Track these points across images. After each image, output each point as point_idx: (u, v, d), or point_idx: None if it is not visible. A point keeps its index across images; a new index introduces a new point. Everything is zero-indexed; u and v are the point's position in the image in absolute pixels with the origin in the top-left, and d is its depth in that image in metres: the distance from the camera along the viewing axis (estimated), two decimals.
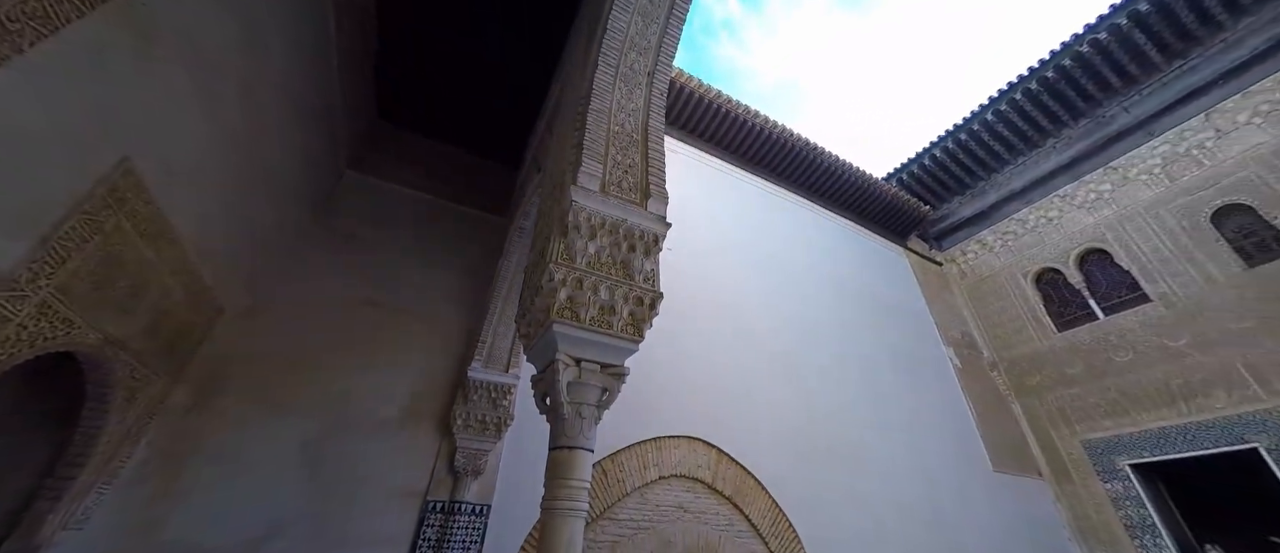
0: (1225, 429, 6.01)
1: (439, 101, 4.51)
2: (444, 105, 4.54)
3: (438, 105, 4.55)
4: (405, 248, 4.26)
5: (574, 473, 1.40)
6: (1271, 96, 6.53)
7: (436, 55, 4.05)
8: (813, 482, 5.08)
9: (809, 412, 5.66)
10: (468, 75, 4.20)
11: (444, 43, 3.96)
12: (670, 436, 4.47)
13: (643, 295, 1.61)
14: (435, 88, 4.36)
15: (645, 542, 3.93)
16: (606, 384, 1.55)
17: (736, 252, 6.63)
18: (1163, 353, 6.72)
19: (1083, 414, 7.34)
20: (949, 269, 10.01)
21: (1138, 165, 7.63)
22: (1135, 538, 6.46)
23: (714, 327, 5.51)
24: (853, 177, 8.77)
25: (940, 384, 7.65)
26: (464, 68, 4.13)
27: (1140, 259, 7.24)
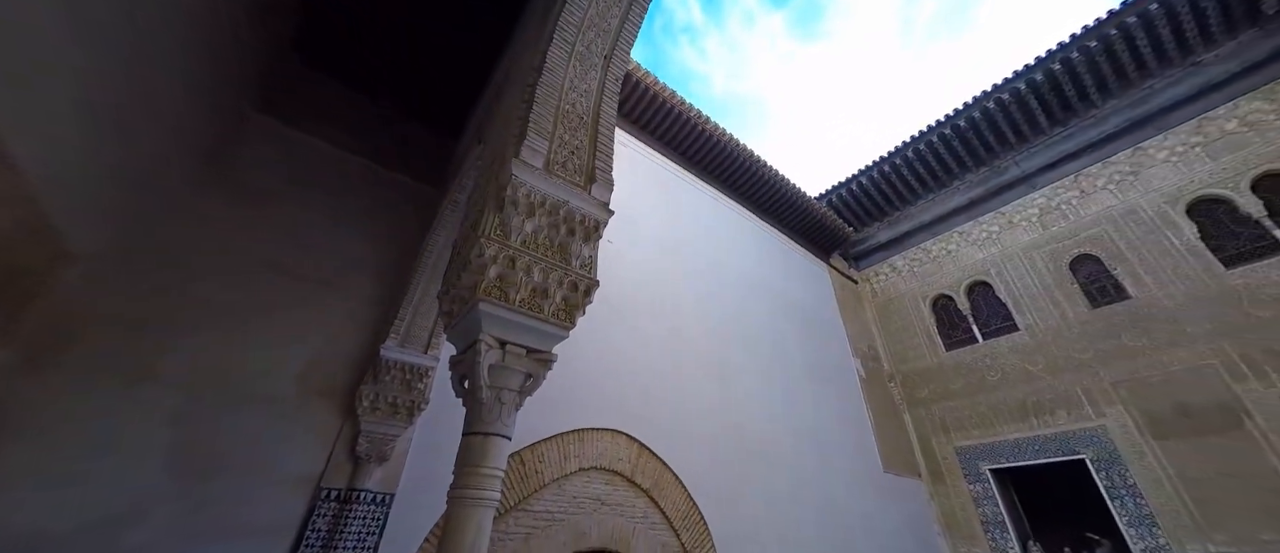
0: (1062, 443, 7.14)
1: (372, 52, 4.10)
2: (378, 56, 4.14)
3: (370, 55, 4.13)
4: (319, 210, 3.84)
5: (488, 460, 1.32)
6: (1122, 168, 7.83)
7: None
8: (728, 478, 5.32)
9: (731, 413, 5.91)
10: (410, 27, 3.86)
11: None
12: (594, 428, 4.45)
13: (578, 281, 1.56)
14: (368, 33, 3.95)
15: (559, 533, 3.88)
16: (531, 370, 1.49)
17: (677, 252, 6.76)
18: (1023, 375, 7.84)
19: (958, 425, 8.36)
20: (863, 288, 10.94)
21: (1021, 213, 8.82)
22: (988, 533, 7.51)
23: (647, 323, 5.57)
24: (790, 193, 9.28)
25: (846, 391, 8.34)
26: (405, 16, 3.78)
27: (1015, 293, 8.38)
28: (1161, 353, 6.64)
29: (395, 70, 4.22)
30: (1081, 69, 7.99)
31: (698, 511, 4.73)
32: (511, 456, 3.85)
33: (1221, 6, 6.98)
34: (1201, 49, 7.37)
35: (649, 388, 5.12)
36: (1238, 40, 7.11)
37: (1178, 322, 6.62)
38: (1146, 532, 6.18)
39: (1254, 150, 6.69)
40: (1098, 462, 6.76)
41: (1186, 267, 6.76)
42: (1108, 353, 7.09)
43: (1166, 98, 7.58)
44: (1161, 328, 6.73)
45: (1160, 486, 6.21)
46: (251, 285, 3.34)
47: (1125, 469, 6.52)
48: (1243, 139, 6.83)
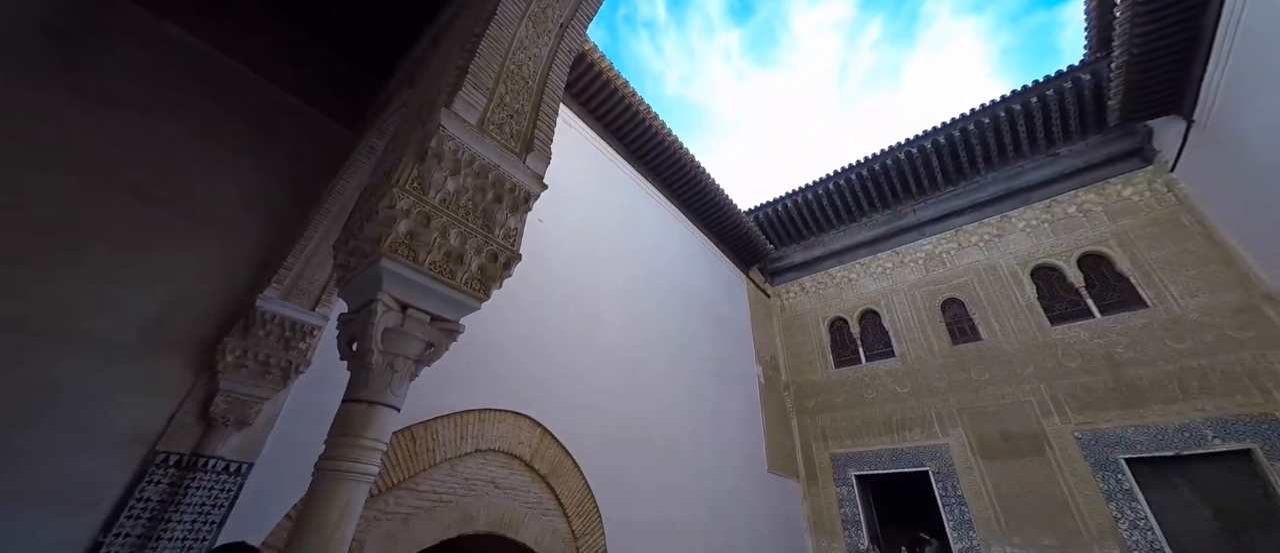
0: (914, 456, 8.26)
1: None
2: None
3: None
4: (201, 133, 3.25)
5: (369, 431, 1.19)
6: (991, 230, 9.20)
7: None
8: (626, 469, 5.43)
9: (637, 404, 6.03)
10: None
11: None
12: (497, 409, 4.29)
13: (499, 252, 1.47)
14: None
15: (444, 516, 3.69)
16: (434, 339, 1.37)
17: (605, 239, 6.73)
18: (893, 395, 8.94)
19: (836, 434, 9.32)
20: (774, 302, 11.74)
21: (911, 255, 10.02)
22: (846, 531, 8.48)
23: (565, 306, 5.49)
24: (723, 203, 9.66)
25: (746, 395, 8.91)
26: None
27: (896, 324, 9.51)
28: (997, 388, 7.94)
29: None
30: (974, 140, 9.25)
31: (593, 498, 4.77)
32: (401, 431, 3.59)
33: (1079, 112, 8.46)
34: (1060, 143, 8.89)
35: (559, 373, 5.05)
36: (1086, 141, 8.68)
37: (1012, 363, 7.95)
38: (966, 535, 7.37)
39: (1083, 233, 8.22)
40: (938, 474, 7.92)
41: (1024, 319, 8.14)
42: (958, 383, 8.33)
43: (1030, 178, 9.04)
44: (1000, 367, 8.04)
45: (980, 497, 7.44)
46: (102, 208, 2.74)
47: (957, 482, 7.71)
48: (1077, 222, 8.36)
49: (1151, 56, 6.49)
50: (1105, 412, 6.97)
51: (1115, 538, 6.34)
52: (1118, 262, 7.73)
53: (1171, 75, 6.66)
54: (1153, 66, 6.62)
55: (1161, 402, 6.64)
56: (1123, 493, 6.48)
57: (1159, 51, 6.41)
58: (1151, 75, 6.72)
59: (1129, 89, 6.98)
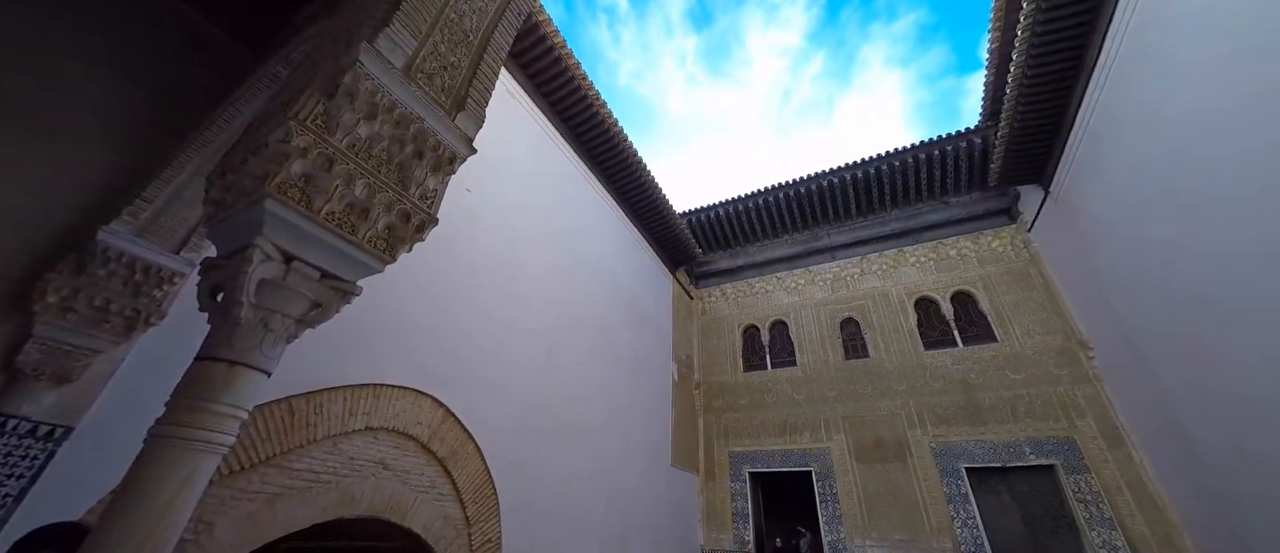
0: (801, 457, 9.05)
1: None
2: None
3: None
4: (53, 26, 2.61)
5: (227, 396, 1.03)
6: (889, 261, 10.31)
7: None
8: (532, 456, 5.32)
9: (550, 391, 5.93)
10: None
11: None
12: (396, 385, 3.99)
13: (412, 213, 1.34)
14: None
15: (320, 497, 3.35)
16: (323, 299, 1.21)
17: (538, 221, 6.52)
18: (790, 401, 9.70)
19: (736, 433, 9.92)
20: (696, 304, 12.19)
21: (821, 275, 10.92)
22: (734, 523, 9.07)
23: (485, 282, 5.23)
24: (659, 201, 9.79)
25: (658, 390, 9.16)
26: None
27: (802, 336, 10.32)
28: (876, 400, 8.94)
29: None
30: (884, 179, 10.28)
31: (492, 484, 4.62)
32: (277, 402, 3.19)
33: (969, 169, 9.75)
34: (952, 193, 10.18)
35: (471, 352, 4.81)
36: (971, 195, 10.03)
37: (890, 380, 8.99)
38: (835, 528, 8.23)
39: (958, 273, 9.51)
40: (819, 474, 8.75)
41: (905, 342, 9.23)
42: (846, 394, 9.26)
43: (925, 219, 10.27)
44: (881, 382, 9.06)
45: (851, 495, 8.34)
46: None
47: (834, 481, 8.57)
48: (955, 263, 9.65)
49: (1027, 133, 7.65)
50: (956, 427, 8.15)
51: (950, 534, 7.44)
52: (981, 301, 9.04)
53: (1040, 151, 7.91)
54: (1027, 142, 7.81)
55: (997, 421, 7.90)
56: (960, 496, 7.62)
57: (1033, 130, 7.57)
58: (1025, 149, 7.93)
59: (1007, 157, 8.18)
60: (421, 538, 3.96)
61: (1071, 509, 7.05)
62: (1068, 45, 6.33)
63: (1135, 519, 6.64)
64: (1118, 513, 6.74)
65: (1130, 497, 6.76)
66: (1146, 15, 5.30)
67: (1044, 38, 6.27)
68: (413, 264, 4.31)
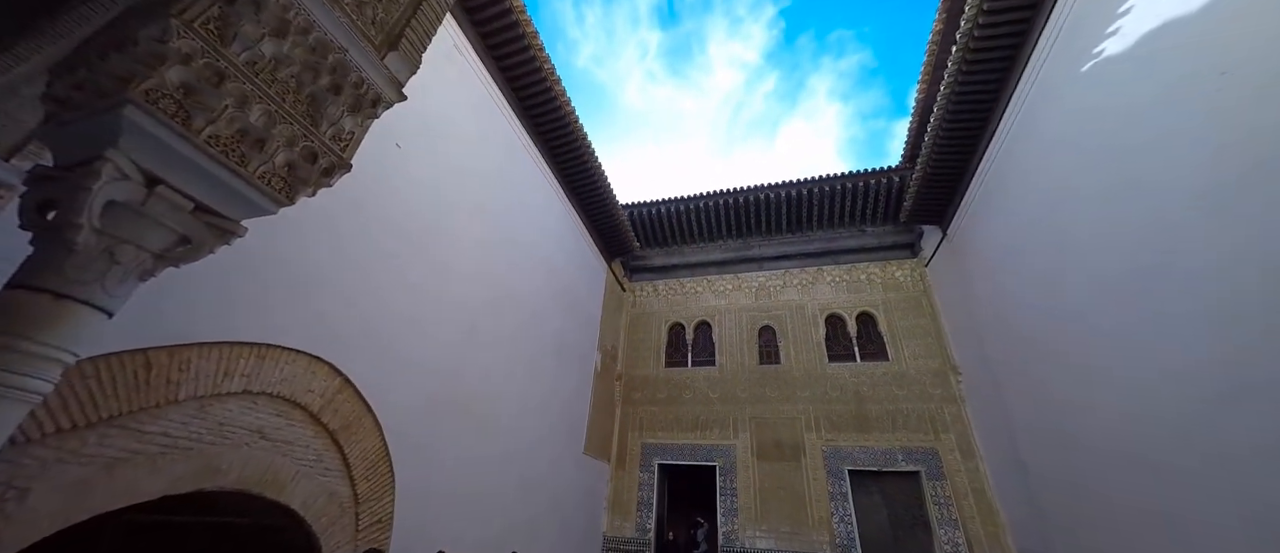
0: (708, 452, 9.51)
1: None
2: None
3: None
4: None
5: (47, 334, 0.84)
6: (808, 277, 11.09)
7: None
8: (439, 434, 5.06)
9: (467, 370, 5.67)
10: None
11: None
12: (288, 347, 3.58)
13: (320, 154, 1.18)
14: None
15: (175, 466, 2.93)
16: (193, 234, 1.04)
17: (475, 189, 6.17)
18: (705, 399, 10.14)
19: (651, 426, 10.18)
20: (628, 297, 12.28)
21: (748, 283, 11.49)
22: (638, 512, 9.34)
23: (406, 248, 4.87)
24: (604, 190, 9.69)
25: (579, 379, 9.12)
26: None
27: (723, 338, 10.81)
28: (781, 404, 9.62)
29: None
30: (815, 201, 11.03)
31: (389, 461, 4.32)
32: (133, 353, 2.73)
33: (886, 203, 10.74)
34: (869, 223, 11.17)
35: (381, 319, 4.45)
36: (884, 227, 11.07)
37: (795, 386, 9.72)
38: (731, 520, 8.76)
39: (865, 296, 10.47)
40: (722, 469, 9.26)
41: (812, 354, 10.01)
42: (756, 397, 9.86)
43: (844, 243, 11.17)
44: (787, 388, 9.75)
45: (749, 490, 8.92)
46: None
47: (735, 477, 9.11)
48: (864, 286, 10.61)
49: (935, 179, 8.59)
50: (845, 433, 9.00)
51: (828, 528, 8.24)
52: (880, 323, 10.04)
53: (943, 197, 8.92)
54: (934, 187, 8.76)
55: (879, 431, 8.85)
56: (841, 495, 8.45)
57: (940, 177, 8.51)
58: (932, 193, 8.90)
59: (917, 198, 9.13)
60: (299, 515, 3.61)
61: (928, 511, 8.10)
62: (977, 108, 7.18)
63: (974, 521, 7.78)
64: (962, 515, 7.86)
65: (973, 502, 7.91)
66: (1037, 100, 6.16)
67: (960, 97, 7.06)
68: (325, 215, 3.89)
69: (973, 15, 6.05)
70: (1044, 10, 5.73)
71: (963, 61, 6.56)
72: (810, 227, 11.50)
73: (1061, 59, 5.61)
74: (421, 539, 4.69)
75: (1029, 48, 6.10)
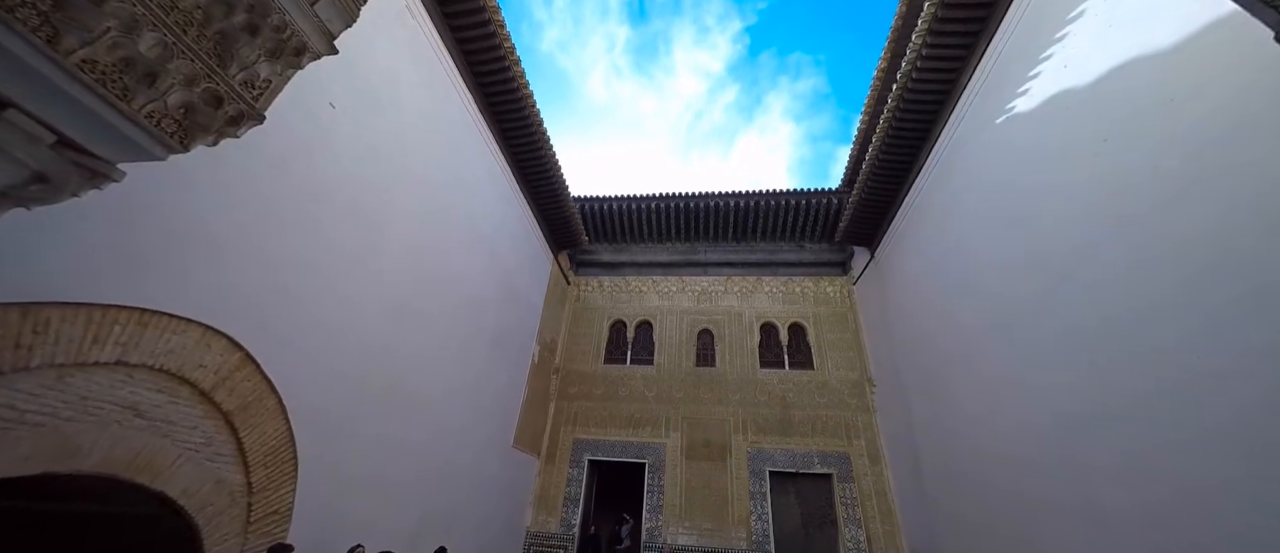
0: (639, 449, 9.62)
1: None
2: None
3: None
4: None
5: None
6: (748, 285, 11.54)
7: None
8: (356, 419, 4.71)
9: (395, 355, 5.33)
10: None
11: None
12: (177, 314, 3.18)
13: (226, 99, 1.05)
14: None
15: (21, 444, 2.51)
16: (51, 172, 0.88)
17: (415, 160, 5.80)
18: (641, 397, 10.25)
19: (585, 421, 10.14)
20: (572, 290, 12.14)
21: (692, 286, 11.75)
22: (564, 507, 9.27)
23: (332, 217, 4.49)
24: (556, 178, 9.48)
25: (514, 370, 8.89)
26: None
27: (663, 338, 10.98)
28: (712, 406, 9.94)
29: None
30: (762, 213, 11.49)
31: (293, 447, 3.96)
32: None
33: (825, 222, 11.41)
34: (808, 239, 11.82)
35: (298, 292, 4.07)
36: (821, 244, 11.75)
37: (727, 389, 10.08)
38: (656, 517, 8.92)
39: (798, 308, 11.07)
40: (651, 467, 9.41)
41: (746, 360, 10.43)
42: (690, 397, 10.11)
43: (784, 256, 11.73)
44: (719, 390, 10.09)
45: (676, 488, 9.13)
46: None
47: (663, 475, 9.30)
48: (798, 298, 11.21)
49: (868, 205, 9.25)
50: (769, 436, 9.47)
51: (747, 525, 8.63)
52: (810, 334, 10.66)
53: (875, 222, 9.63)
54: (867, 212, 9.44)
55: (800, 435, 9.40)
56: (761, 495, 8.88)
57: (873, 203, 9.18)
58: (865, 217, 9.58)
59: (851, 221, 9.79)
60: (177, 504, 3.22)
61: (836, 511, 8.72)
62: (909, 144, 7.82)
63: (875, 521, 8.48)
64: (865, 515, 8.54)
65: (876, 503, 8.62)
66: (958, 143, 6.81)
67: (896, 131, 7.65)
68: (240, 172, 3.48)
69: (912, 58, 6.57)
70: (971, 63, 6.34)
71: (900, 99, 7.12)
72: (754, 237, 11.98)
73: (982, 109, 6.24)
74: (331, 530, 4.35)
75: (957, 94, 6.73)
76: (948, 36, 6.23)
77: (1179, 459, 3.49)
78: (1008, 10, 5.60)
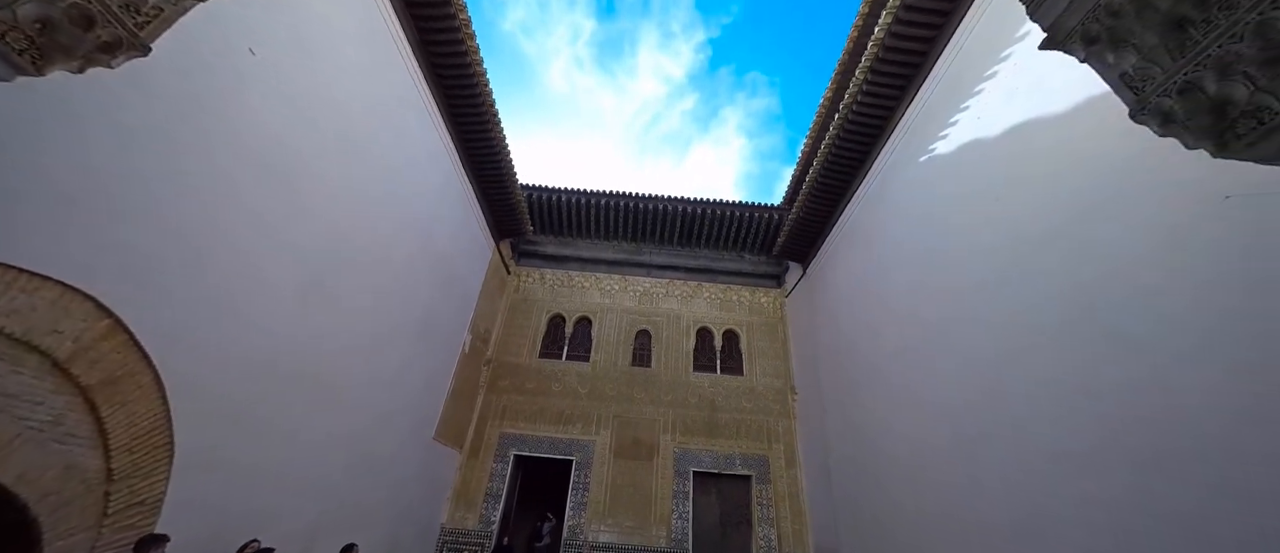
0: (568, 446, 9.53)
1: None
2: None
3: None
4: None
5: None
6: (688, 290, 11.81)
7: None
8: (256, 404, 4.24)
9: (306, 331, 4.87)
10: None
11: None
12: (28, 270, 2.70)
13: (99, 21, 0.89)
14: None
15: None
16: None
17: (345, 125, 5.34)
18: (574, 394, 10.16)
19: (514, 416, 9.87)
20: (512, 280, 11.78)
21: (635, 286, 11.83)
22: (485, 503, 8.97)
23: (241, 173, 4.02)
24: (504, 163, 9.14)
25: (442, 359, 8.47)
26: None
27: (601, 336, 10.95)
28: (644, 406, 10.07)
29: None
30: (708, 221, 11.81)
31: (170, 430, 3.49)
32: None
33: (764, 236, 11.95)
34: (748, 250, 12.32)
35: (197, 258, 3.60)
36: (759, 257, 12.30)
37: (660, 390, 10.26)
38: (579, 515, 8.88)
39: (733, 315, 11.50)
40: (579, 464, 9.36)
41: (681, 362, 10.67)
42: (623, 396, 10.17)
43: (725, 265, 12.15)
44: (652, 391, 10.24)
45: (602, 485, 9.14)
46: None
47: (590, 472, 9.28)
48: (734, 306, 11.65)
49: (805, 223, 9.81)
50: (696, 438, 9.76)
51: (667, 525, 8.83)
52: (742, 341, 11.11)
53: (810, 239, 10.23)
54: (804, 230, 10.01)
55: (725, 437, 9.77)
56: (683, 494, 9.12)
57: (809, 222, 9.75)
58: (802, 234, 10.15)
59: (789, 238, 10.34)
60: (9, 491, 2.73)
61: (752, 511, 9.16)
62: (845, 169, 8.39)
63: (787, 521, 9.01)
64: (778, 515, 9.04)
65: (788, 504, 9.15)
66: (887, 174, 7.41)
67: (835, 157, 8.18)
68: (134, 112, 3.01)
69: (854, 91, 7.07)
70: (905, 101, 6.92)
71: (841, 128, 7.62)
72: (699, 244, 12.30)
73: (909, 145, 6.83)
74: (213, 525, 3.89)
75: (890, 129, 7.31)
76: (886, 75, 6.77)
77: (1047, 478, 4.02)
78: (939, 58, 6.17)
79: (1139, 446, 3.20)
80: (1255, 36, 1.16)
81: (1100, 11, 1.43)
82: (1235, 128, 1.27)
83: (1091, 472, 3.53)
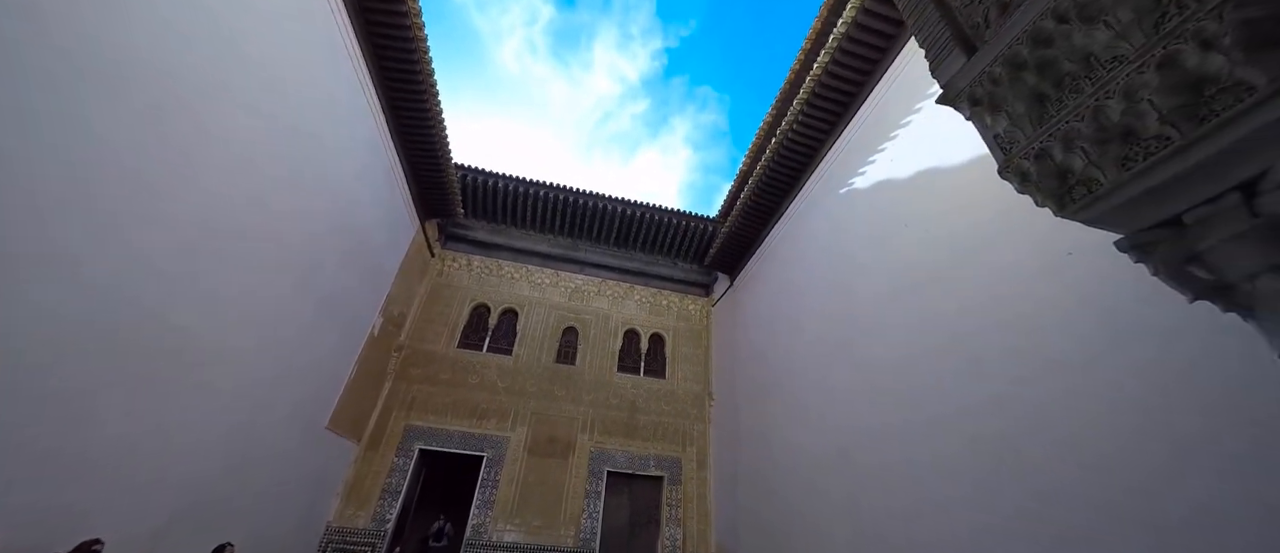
0: (480, 442, 9.14)
1: None
2: None
3: None
4: None
5: None
6: (619, 291, 11.86)
7: None
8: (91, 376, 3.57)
9: (174, 298, 4.20)
10: None
11: None
12: None
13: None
14: None
15: None
16: None
17: (258, 73, 4.70)
18: (492, 388, 9.77)
19: (423, 407, 9.28)
20: (435, 263, 11.09)
21: (566, 282, 11.66)
22: (381, 499, 8.33)
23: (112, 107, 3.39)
24: (438, 137, 8.58)
25: (346, 339, 7.75)
26: None
27: (526, 329, 10.64)
28: (564, 404, 9.93)
29: None
30: (645, 224, 11.95)
31: None
32: None
33: (698, 245, 12.33)
34: (681, 257, 12.64)
35: (36, 185, 2.96)
36: (691, 265, 12.67)
37: (582, 389, 10.18)
38: (485, 513, 8.54)
39: (662, 319, 11.73)
40: (490, 461, 9.00)
41: (605, 362, 10.67)
42: (544, 393, 9.96)
43: (658, 270, 12.36)
44: (574, 389, 10.14)
45: (512, 483, 8.87)
46: None
47: (501, 469, 8.96)
48: (664, 311, 11.88)
49: (737, 237, 10.27)
50: (614, 438, 9.80)
51: (577, 524, 8.76)
52: (668, 345, 11.36)
53: (739, 253, 10.71)
54: (734, 244, 10.47)
55: (642, 439, 9.91)
56: (596, 494, 9.11)
57: (741, 236, 10.22)
58: (732, 248, 10.61)
59: (720, 249, 10.76)
60: None
61: (661, 511, 9.37)
62: (777, 191, 8.91)
63: (693, 521, 9.32)
64: (685, 515, 9.33)
65: (696, 505, 9.48)
66: (813, 199, 7.98)
67: (769, 178, 8.65)
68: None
69: (792, 119, 7.53)
70: (834, 136, 7.49)
71: (777, 152, 8.08)
72: (635, 247, 12.41)
73: (832, 177, 7.40)
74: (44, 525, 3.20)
75: (819, 160, 7.88)
76: (820, 110, 7.29)
77: (919, 479, 4.52)
78: (865, 100, 6.76)
79: (994, 451, 3.71)
80: (1092, 119, 1.39)
81: (984, 79, 1.64)
82: (1073, 193, 1.51)
83: (960, 477, 4.03)
